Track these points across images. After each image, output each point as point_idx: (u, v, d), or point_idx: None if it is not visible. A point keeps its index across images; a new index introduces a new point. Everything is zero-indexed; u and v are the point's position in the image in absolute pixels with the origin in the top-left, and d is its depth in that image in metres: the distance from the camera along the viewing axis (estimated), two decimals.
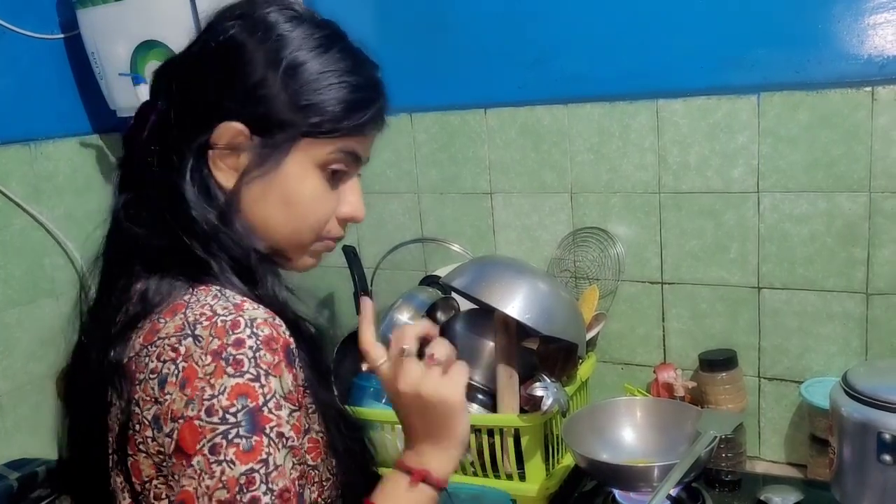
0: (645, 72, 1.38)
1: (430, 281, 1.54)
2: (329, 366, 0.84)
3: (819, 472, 1.29)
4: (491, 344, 1.34)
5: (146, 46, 1.51)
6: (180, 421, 0.67)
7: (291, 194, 0.79)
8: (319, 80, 0.78)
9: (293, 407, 0.70)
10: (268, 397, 0.68)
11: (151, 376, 0.70)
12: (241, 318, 0.70)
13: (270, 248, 0.81)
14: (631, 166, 1.42)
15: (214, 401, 0.66)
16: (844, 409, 1.09)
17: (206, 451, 0.66)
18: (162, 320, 0.72)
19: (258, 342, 0.69)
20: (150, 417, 0.70)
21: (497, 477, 1.31)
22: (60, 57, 1.69)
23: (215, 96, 0.78)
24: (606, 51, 1.40)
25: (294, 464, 0.69)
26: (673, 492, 1.16)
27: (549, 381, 1.25)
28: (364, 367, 0.85)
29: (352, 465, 0.81)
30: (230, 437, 0.66)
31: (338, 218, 0.84)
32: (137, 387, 0.71)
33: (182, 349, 0.69)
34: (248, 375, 0.67)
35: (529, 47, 1.46)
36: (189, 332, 0.70)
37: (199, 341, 0.69)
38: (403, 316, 1.39)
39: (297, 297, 0.82)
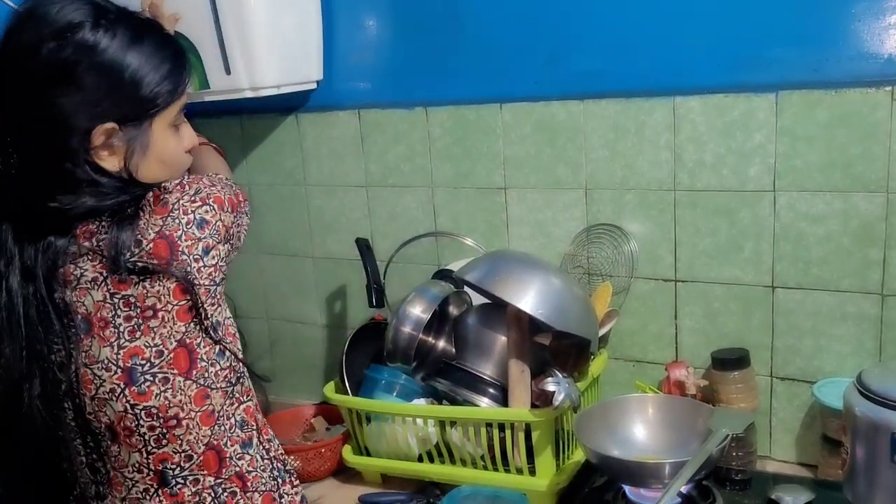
0: (662, 69, 1.37)
1: (443, 275, 1.53)
2: None
3: (830, 472, 1.28)
4: (503, 338, 1.34)
5: None
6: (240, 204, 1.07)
7: (162, 154, 1.04)
8: (149, 70, 0.99)
9: None
10: None
11: (188, 226, 0.98)
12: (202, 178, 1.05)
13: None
14: (646, 163, 1.41)
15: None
16: (858, 409, 1.09)
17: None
18: (163, 201, 0.98)
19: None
20: (199, 252, 0.98)
21: (507, 471, 1.32)
22: None
23: (77, 113, 0.96)
24: (623, 47, 1.40)
25: None
26: (684, 489, 1.16)
27: (561, 376, 1.25)
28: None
29: None
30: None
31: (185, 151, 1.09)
32: (180, 241, 0.97)
33: (203, 195, 1.00)
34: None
35: (546, 42, 1.46)
36: (192, 192, 1.00)
37: (200, 190, 1.01)
38: (416, 309, 1.39)
39: None
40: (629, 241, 1.45)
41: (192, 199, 0.99)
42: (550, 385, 1.24)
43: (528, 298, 1.24)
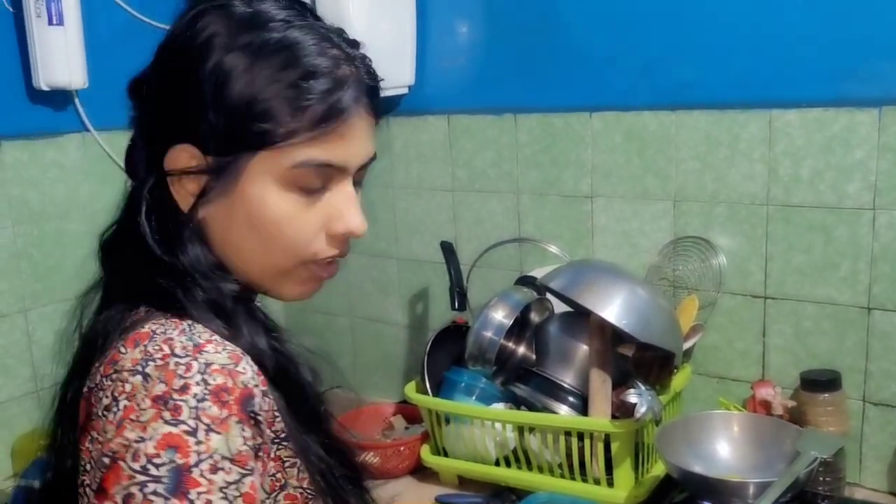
0: (758, 80, 1.35)
1: (526, 281, 1.54)
2: (321, 410, 0.78)
3: None
4: (585, 347, 1.34)
5: None
6: (107, 458, 0.60)
7: (254, 216, 0.71)
8: (260, 80, 0.67)
9: (243, 471, 0.62)
10: (202, 457, 0.60)
11: (105, 413, 0.63)
12: (194, 362, 0.63)
13: (249, 281, 0.75)
14: (738, 176, 1.39)
15: (141, 445, 0.59)
16: None
17: (118, 498, 0.59)
18: (123, 349, 0.65)
19: (206, 391, 0.62)
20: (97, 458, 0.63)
21: (585, 481, 1.31)
22: None
23: (165, 116, 0.71)
24: (718, 57, 1.37)
25: None
26: None
27: (643, 388, 1.24)
28: None
29: None
30: (146, 491, 0.58)
31: (329, 235, 0.74)
32: (92, 421, 0.65)
33: (129, 387, 0.62)
34: (183, 426, 0.60)
35: (638, 52, 1.45)
36: (140, 368, 0.63)
37: (147, 381, 0.62)
38: (498, 314, 1.40)
39: (283, 337, 0.75)
40: (717, 254, 1.42)
41: (124, 381, 0.64)
42: (632, 397, 1.23)
43: (613, 308, 1.24)
